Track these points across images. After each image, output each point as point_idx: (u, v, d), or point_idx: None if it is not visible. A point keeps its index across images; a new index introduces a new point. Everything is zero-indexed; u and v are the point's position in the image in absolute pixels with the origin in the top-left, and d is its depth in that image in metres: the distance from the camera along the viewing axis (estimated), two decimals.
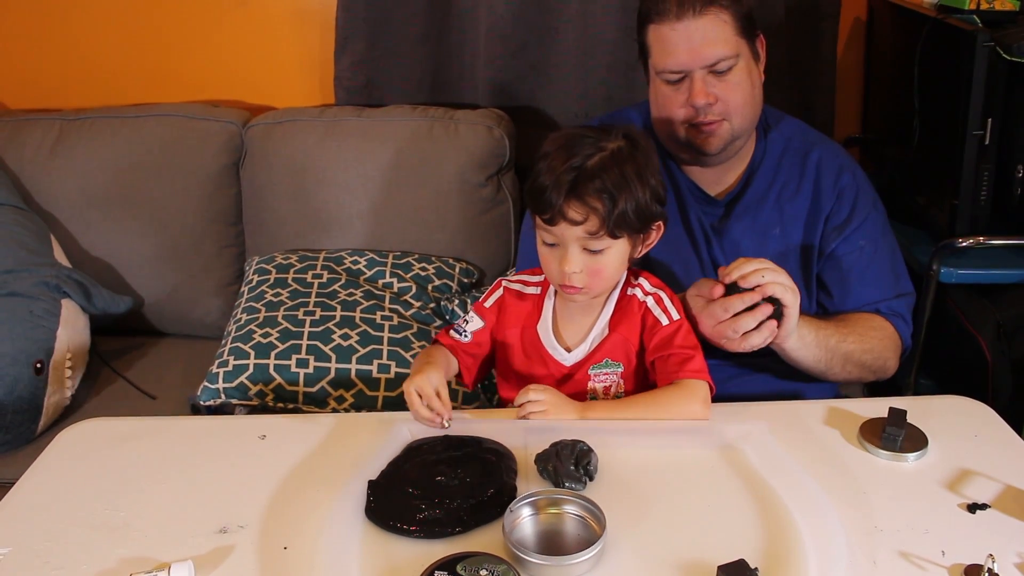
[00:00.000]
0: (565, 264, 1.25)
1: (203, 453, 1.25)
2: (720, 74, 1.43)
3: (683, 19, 1.41)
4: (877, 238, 1.52)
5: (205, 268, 2.20)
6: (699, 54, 1.42)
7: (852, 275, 1.50)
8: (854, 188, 1.52)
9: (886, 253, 1.53)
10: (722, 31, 1.42)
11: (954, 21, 1.79)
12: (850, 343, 1.42)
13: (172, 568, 0.99)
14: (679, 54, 1.42)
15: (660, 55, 1.45)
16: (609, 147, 1.25)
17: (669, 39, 1.43)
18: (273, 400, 1.77)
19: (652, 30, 1.45)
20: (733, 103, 1.45)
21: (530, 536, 1.05)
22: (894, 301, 1.51)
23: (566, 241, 1.25)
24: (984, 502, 1.10)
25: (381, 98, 2.28)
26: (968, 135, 1.75)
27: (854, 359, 1.43)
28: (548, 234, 1.26)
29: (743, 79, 1.45)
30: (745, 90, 1.46)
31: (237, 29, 2.32)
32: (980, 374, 1.82)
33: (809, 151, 1.55)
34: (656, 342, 1.32)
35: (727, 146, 1.49)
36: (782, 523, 1.06)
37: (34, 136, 2.18)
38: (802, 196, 1.53)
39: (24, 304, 1.87)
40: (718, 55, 1.42)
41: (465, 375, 1.39)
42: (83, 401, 1.97)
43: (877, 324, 1.48)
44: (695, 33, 1.41)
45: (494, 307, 1.41)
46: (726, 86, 1.44)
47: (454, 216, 2.12)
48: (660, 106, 1.50)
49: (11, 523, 1.11)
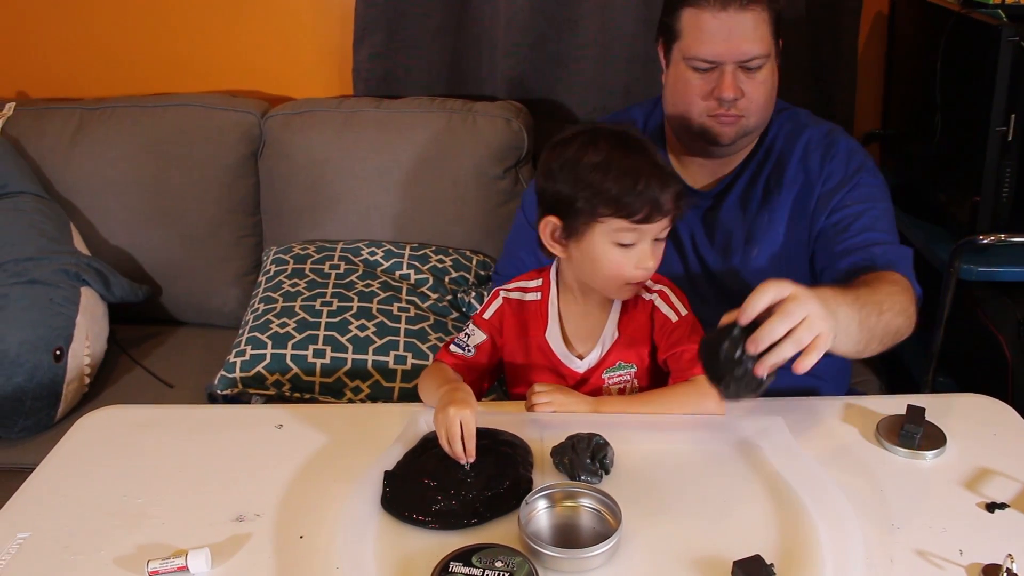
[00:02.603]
0: (648, 260, 1.25)
1: (221, 442, 1.26)
2: (749, 71, 1.42)
3: (728, 9, 1.39)
4: (874, 201, 1.47)
5: (223, 258, 2.21)
6: (737, 48, 1.40)
7: (852, 228, 1.45)
8: (843, 157, 1.49)
9: (883, 213, 1.48)
10: (760, 29, 1.41)
11: (978, 15, 1.77)
12: (886, 313, 1.27)
13: (189, 555, 1.00)
14: (716, 44, 1.41)
15: (694, 41, 1.43)
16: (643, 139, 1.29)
17: (708, 27, 1.41)
18: (290, 390, 1.78)
19: (689, 14, 1.43)
20: (756, 101, 1.44)
21: (545, 529, 1.05)
22: (896, 247, 1.44)
23: (646, 236, 1.25)
24: (1003, 501, 1.09)
25: (399, 90, 2.28)
26: (991, 131, 1.73)
27: (891, 329, 1.28)
28: (632, 233, 1.24)
29: (768, 78, 1.45)
30: (769, 89, 1.46)
31: (257, 20, 2.33)
32: (1000, 372, 1.80)
33: (800, 133, 1.53)
34: (667, 339, 1.32)
35: (738, 139, 1.48)
36: (798, 519, 1.06)
37: (54, 125, 2.19)
38: (790, 179, 1.51)
39: (44, 292, 1.89)
40: (754, 52, 1.41)
41: None
42: (101, 389, 1.98)
43: (896, 279, 1.35)
44: (736, 27, 1.40)
45: (495, 318, 1.39)
46: (753, 83, 1.43)
47: (471, 208, 2.12)
48: (680, 92, 1.48)
49: (31, 508, 1.12)
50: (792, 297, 1.05)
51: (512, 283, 1.41)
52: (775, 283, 1.06)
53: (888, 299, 1.27)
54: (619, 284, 1.30)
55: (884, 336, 1.27)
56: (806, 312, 1.04)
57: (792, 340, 1.03)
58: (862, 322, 1.19)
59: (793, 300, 1.04)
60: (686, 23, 1.44)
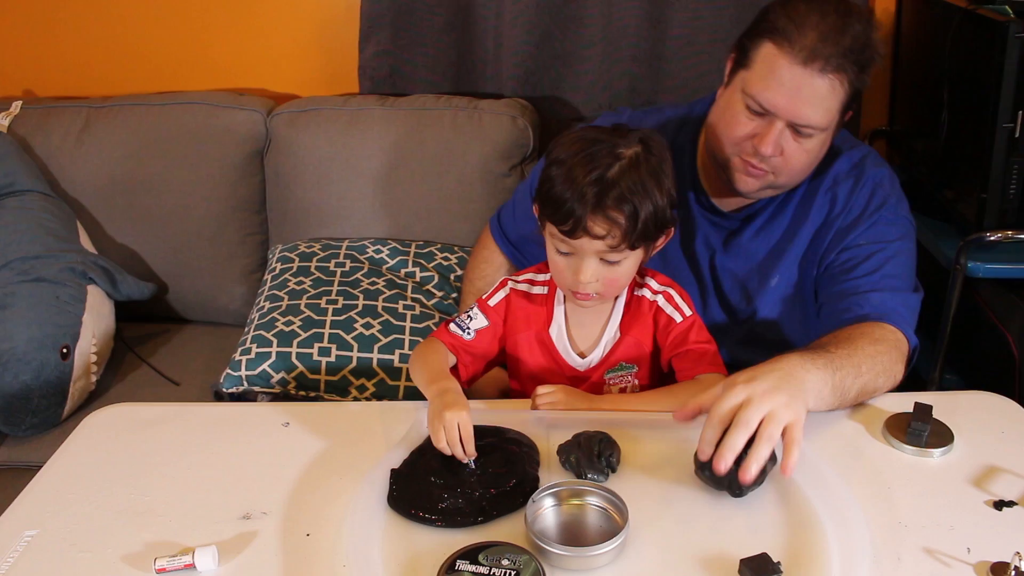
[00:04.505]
0: (580, 274, 1.22)
1: (227, 439, 1.26)
2: (799, 134, 1.34)
3: (808, 66, 1.28)
4: (887, 241, 1.42)
5: (229, 256, 2.21)
6: (796, 109, 1.31)
7: (857, 270, 1.41)
8: (868, 190, 1.44)
9: (897, 254, 1.42)
10: (830, 100, 1.31)
11: (985, 11, 1.76)
12: (864, 375, 1.25)
13: (196, 553, 1.00)
14: (778, 96, 1.31)
15: (759, 81, 1.33)
16: (627, 154, 1.20)
17: (779, 74, 1.30)
18: (295, 388, 1.78)
19: (768, 50, 1.31)
20: (793, 166, 1.37)
21: (552, 527, 1.05)
22: (896, 295, 1.39)
23: (583, 252, 1.21)
24: (1011, 499, 1.09)
25: (405, 87, 2.29)
26: (998, 128, 1.72)
27: (868, 389, 1.27)
28: (564, 244, 1.22)
29: (816, 147, 1.37)
30: (813, 158, 1.38)
31: (262, 18, 2.33)
32: (1007, 369, 1.80)
33: (832, 160, 1.46)
34: (671, 340, 1.32)
35: (760, 192, 1.43)
36: (805, 517, 1.06)
37: (61, 123, 2.19)
38: (816, 209, 1.46)
39: (51, 290, 1.89)
40: (812, 121, 1.32)
41: (462, 371, 1.34)
42: (108, 386, 1.98)
43: (883, 335, 1.32)
44: (806, 87, 1.29)
45: (500, 307, 1.38)
46: (798, 148, 1.35)
47: (477, 206, 2.12)
48: (725, 119, 1.39)
49: (38, 506, 1.12)
50: (746, 402, 1.06)
51: (522, 274, 1.41)
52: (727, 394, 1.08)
53: (868, 361, 1.25)
54: (564, 289, 1.30)
55: (860, 395, 1.26)
56: (765, 410, 1.06)
57: (764, 440, 1.05)
58: (836, 386, 1.19)
59: (747, 406, 1.06)
60: (761, 57, 1.33)
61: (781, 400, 1.07)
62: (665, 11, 2.15)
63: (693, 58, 2.18)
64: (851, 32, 1.29)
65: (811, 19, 1.29)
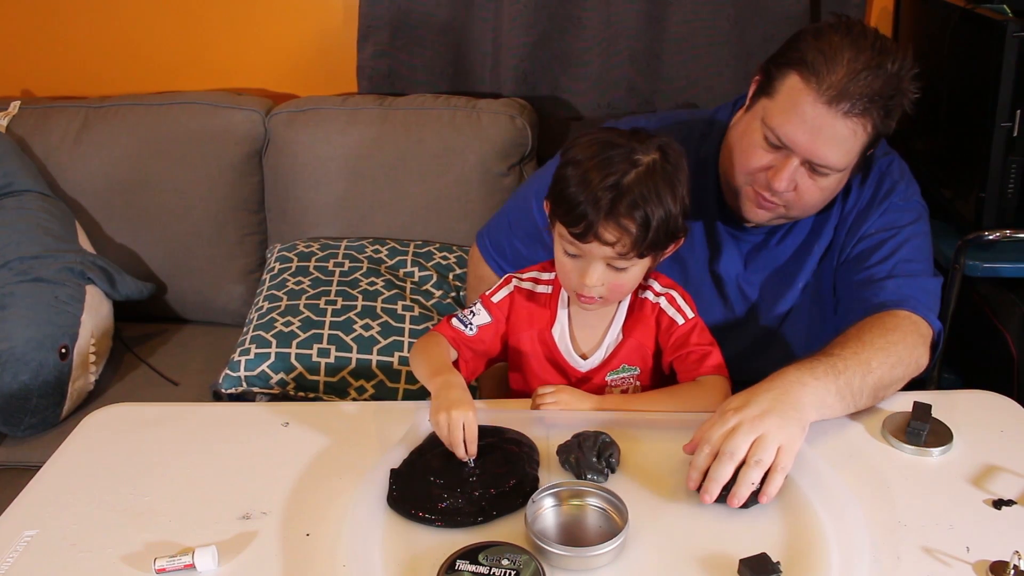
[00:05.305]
0: (586, 278, 1.22)
1: (227, 440, 1.26)
2: (815, 172, 1.30)
3: (832, 107, 1.24)
4: (899, 227, 1.41)
5: (228, 255, 2.21)
6: (815, 149, 1.27)
7: (872, 258, 1.40)
8: (875, 177, 1.45)
9: (911, 238, 1.41)
10: (851, 143, 1.28)
11: (983, 11, 1.77)
12: (876, 371, 1.22)
13: (196, 553, 1.00)
14: (797, 132, 1.27)
15: (780, 113, 1.28)
16: (644, 161, 1.18)
17: (802, 110, 1.25)
18: (294, 389, 1.78)
19: (793, 82, 1.27)
20: (806, 202, 1.35)
21: (552, 527, 1.05)
22: (913, 280, 1.36)
23: (591, 256, 1.21)
24: (1010, 498, 1.09)
25: (403, 87, 2.29)
26: (996, 127, 1.72)
27: (884, 382, 1.24)
28: (573, 246, 1.21)
29: (831, 186, 1.34)
30: (825, 195, 1.36)
31: (261, 18, 2.33)
32: (1006, 369, 1.80)
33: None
34: (673, 342, 1.32)
35: (769, 222, 1.41)
36: (805, 517, 1.06)
37: (59, 123, 2.19)
38: (835, 209, 1.45)
39: (49, 290, 1.89)
40: (830, 161, 1.28)
41: (463, 367, 1.33)
42: (107, 386, 1.98)
43: (897, 323, 1.29)
44: (828, 128, 1.25)
45: (503, 304, 1.37)
46: (812, 186, 1.32)
47: (476, 206, 2.12)
48: (741, 149, 1.36)
49: (37, 506, 1.12)
50: (736, 429, 1.07)
51: (526, 272, 1.40)
52: (718, 421, 1.09)
53: (879, 355, 1.22)
54: (569, 290, 1.30)
55: (877, 391, 1.23)
56: (754, 436, 1.06)
57: (752, 465, 1.05)
58: (840, 391, 1.18)
59: (735, 433, 1.07)
60: (786, 88, 1.28)
61: (772, 423, 1.07)
62: (663, 11, 2.15)
63: (691, 59, 2.19)
64: (883, 75, 1.24)
65: (843, 56, 1.24)
